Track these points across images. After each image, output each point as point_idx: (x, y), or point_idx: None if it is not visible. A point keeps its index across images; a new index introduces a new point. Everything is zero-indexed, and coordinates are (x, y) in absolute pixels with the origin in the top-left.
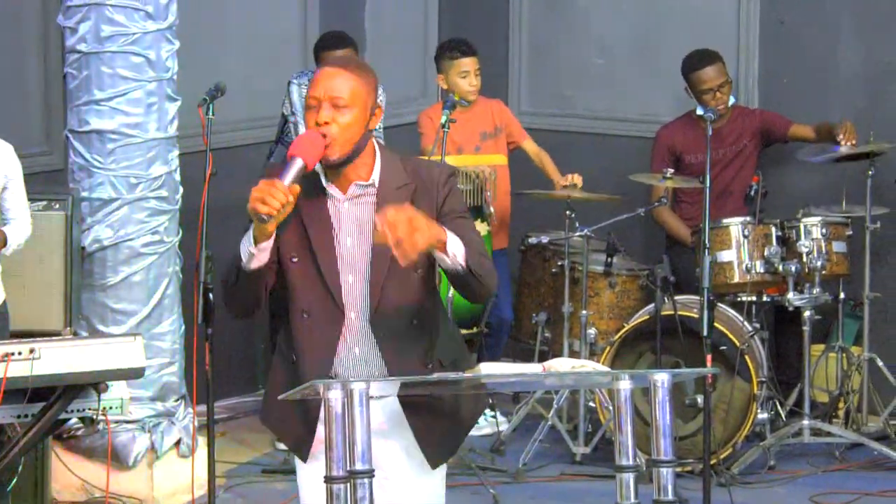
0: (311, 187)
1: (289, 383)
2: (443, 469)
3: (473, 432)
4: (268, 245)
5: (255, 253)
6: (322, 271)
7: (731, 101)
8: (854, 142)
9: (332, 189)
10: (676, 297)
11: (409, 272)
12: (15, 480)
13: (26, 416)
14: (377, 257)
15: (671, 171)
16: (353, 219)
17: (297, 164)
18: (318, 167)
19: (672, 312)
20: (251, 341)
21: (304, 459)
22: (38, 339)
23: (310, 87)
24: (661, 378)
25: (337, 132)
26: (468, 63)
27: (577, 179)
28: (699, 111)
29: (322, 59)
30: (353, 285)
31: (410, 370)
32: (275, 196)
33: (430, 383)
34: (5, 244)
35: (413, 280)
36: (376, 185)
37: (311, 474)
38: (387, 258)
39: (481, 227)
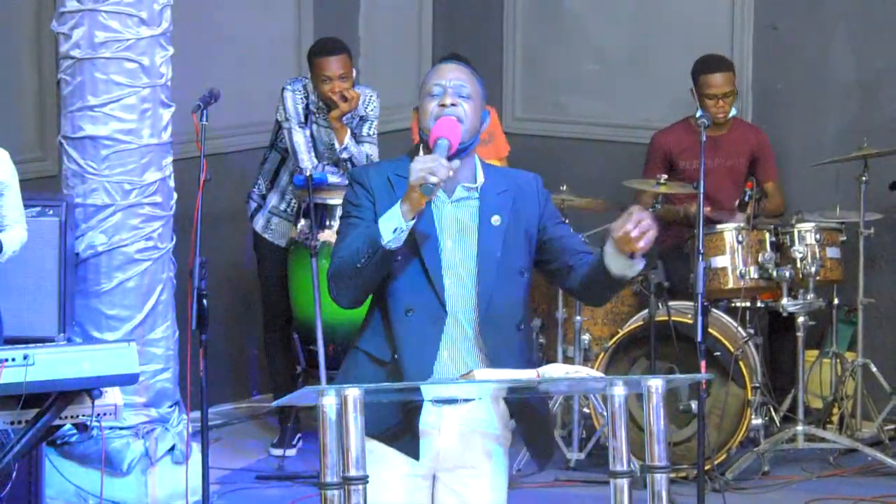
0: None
1: (382, 382)
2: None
3: None
4: (413, 222)
5: (405, 228)
6: (428, 271)
7: (733, 112)
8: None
9: (440, 192)
10: (670, 303)
11: (514, 277)
12: (9, 487)
13: (20, 422)
14: (483, 262)
15: (664, 177)
16: (455, 221)
17: (444, 145)
18: None
19: (666, 318)
20: (245, 348)
21: (417, 457)
22: (31, 345)
23: (431, 77)
24: (656, 384)
25: (462, 114)
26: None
27: None
28: (698, 113)
29: (316, 65)
30: (453, 287)
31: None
32: (440, 169)
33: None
34: (1, 250)
35: (518, 284)
36: (479, 189)
37: (401, 475)
38: (494, 263)
39: None
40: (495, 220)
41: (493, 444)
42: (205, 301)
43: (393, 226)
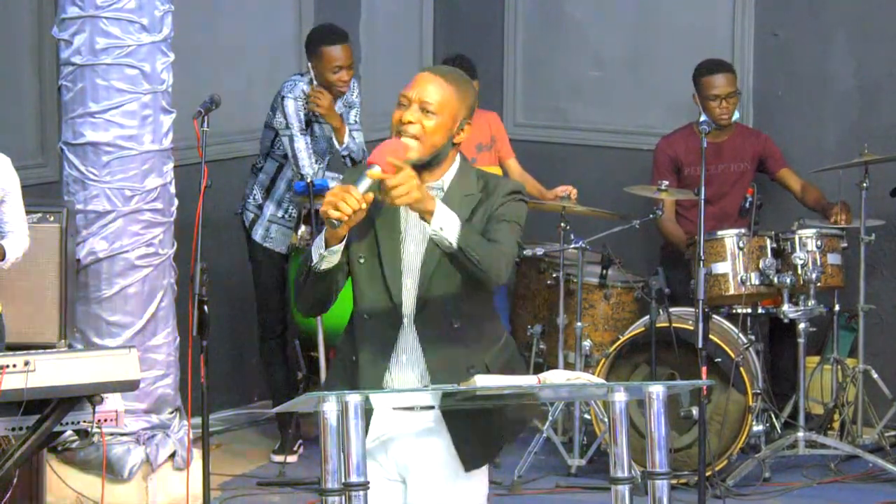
0: None
1: (347, 384)
2: (482, 474)
3: None
4: (338, 248)
5: (325, 255)
6: (385, 275)
7: (736, 115)
8: (849, 222)
9: None
10: (671, 309)
11: (453, 274)
12: (10, 493)
13: (21, 428)
14: (427, 260)
15: (666, 183)
16: (419, 225)
17: (373, 173)
18: None
19: (667, 324)
20: (246, 354)
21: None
22: (33, 351)
23: (405, 86)
24: (657, 390)
25: (419, 133)
26: None
27: (572, 191)
28: (702, 118)
29: (325, 53)
30: (411, 290)
31: (452, 374)
32: (347, 202)
33: (449, 395)
34: (3, 257)
35: (457, 282)
36: (444, 189)
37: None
38: (435, 261)
39: None
40: None
41: (446, 451)
42: (206, 307)
43: (319, 251)
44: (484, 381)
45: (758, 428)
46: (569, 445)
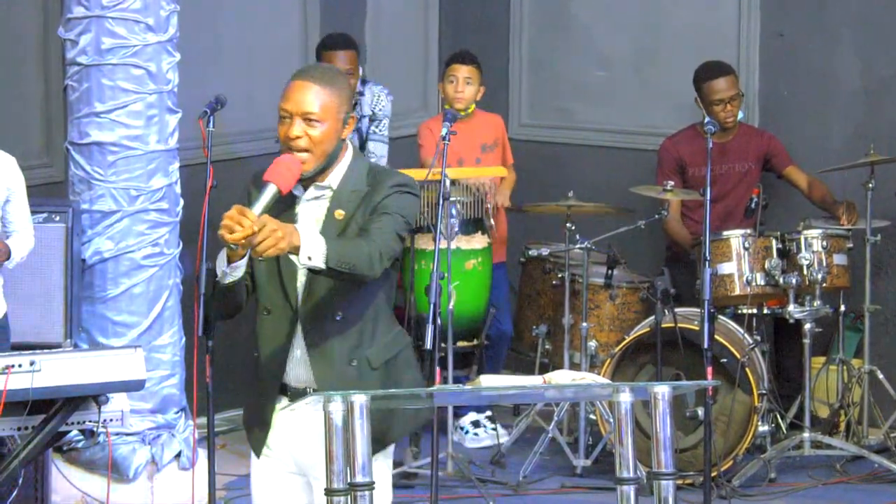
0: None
1: (255, 381)
2: (379, 463)
3: (473, 444)
4: (240, 264)
5: (228, 271)
6: (281, 271)
7: (740, 115)
8: (854, 222)
9: (297, 190)
10: (677, 310)
11: None
12: (15, 493)
13: (26, 428)
14: None
15: (671, 183)
16: (310, 219)
17: (271, 191)
18: None
19: (672, 325)
20: (251, 353)
21: (258, 455)
22: (38, 351)
23: (281, 99)
24: (662, 390)
25: (309, 145)
26: (456, 69)
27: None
28: (705, 120)
29: (323, 58)
30: (303, 285)
31: (333, 367)
32: (242, 225)
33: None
34: (8, 257)
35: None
36: (334, 187)
37: (260, 470)
38: None
39: (482, 240)
40: (338, 214)
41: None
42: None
43: (222, 267)
44: (490, 382)
45: (763, 428)
46: (574, 446)
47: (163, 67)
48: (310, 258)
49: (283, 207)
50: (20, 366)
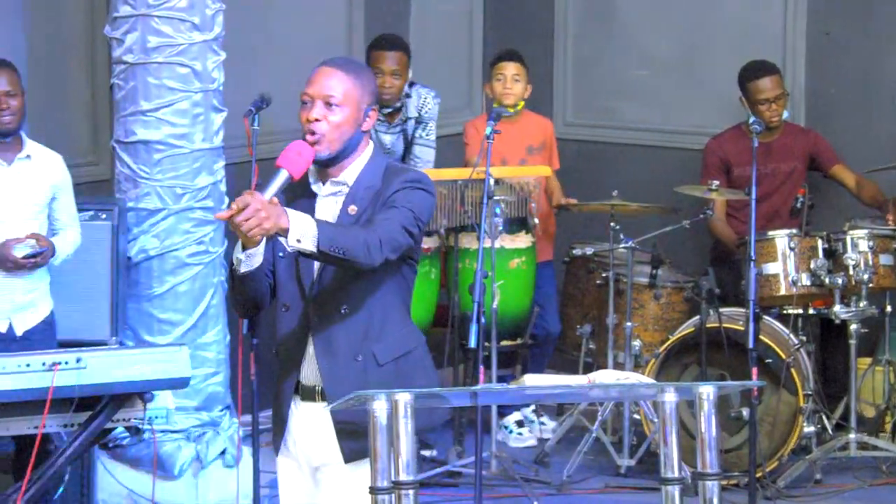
0: (303, 183)
1: (275, 378)
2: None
3: (517, 444)
4: (255, 251)
5: (242, 258)
6: (299, 268)
7: (785, 115)
8: None
9: (315, 186)
10: (722, 310)
11: None
12: (61, 489)
13: (73, 425)
14: None
15: (716, 182)
16: (326, 214)
17: (282, 176)
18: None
19: (717, 325)
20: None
21: (276, 453)
22: (84, 348)
23: (306, 84)
24: (707, 390)
25: (326, 129)
26: (504, 67)
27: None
28: (750, 120)
29: (372, 57)
30: (322, 283)
31: (338, 361)
32: (256, 208)
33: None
34: (54, 254)
35: (349, 270)
36: (349, 184)
37: (281, 469)
38: None
39: (526, 239)
40: (352, 209)
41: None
42: None
43: (237, 255)
44: (534, 381)
45: (809, 429)
46: (618, 445)
47: (208, 66)
48: (299, 241)
49: (302, 202)
50: (66, 363)
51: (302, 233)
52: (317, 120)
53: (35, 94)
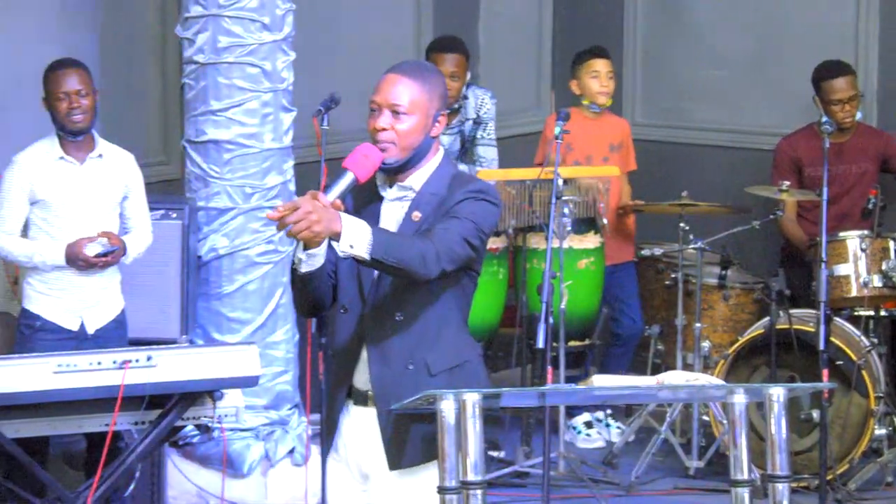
0: (371, 186)
1: (329, 379)
2: (427, 474)
3: (585, 444)
4: (317, 252)
5: (304, 258)
6: (360, 269)
7: (858, 116)
8: None
9: (383, 190)
10: (792, 311)
11: None
12: (132, 487)
13: (143, 422)
14: None
15: (787, 183)
16: (390, 219)
17: (347, 178)
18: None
19: (787, 326)
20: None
21: (327, 455)
22: (155, 346)
23: (372, 92)
24: (777, 392)
25: (394, 138)
26: (599, 64)
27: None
28: (822, 120)
29: (430, 59)
30: (381, 286)
31: (390, 368)
32: (320, 210)
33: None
34: (125, 253)
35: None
36: (416, 189)
37: (333, 471)
38: None
39: (594, 239)
40: (415, 215)
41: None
42: None
43: (298, 255)
44: (603, 381)
45: (880, 432)
46: (687, 447)
47: (278, 66)
48: (351, 246)
49: (369, 203)
50: (137, 361)
51: (355, 239)
52: (384, 129)
53: (107, 93)
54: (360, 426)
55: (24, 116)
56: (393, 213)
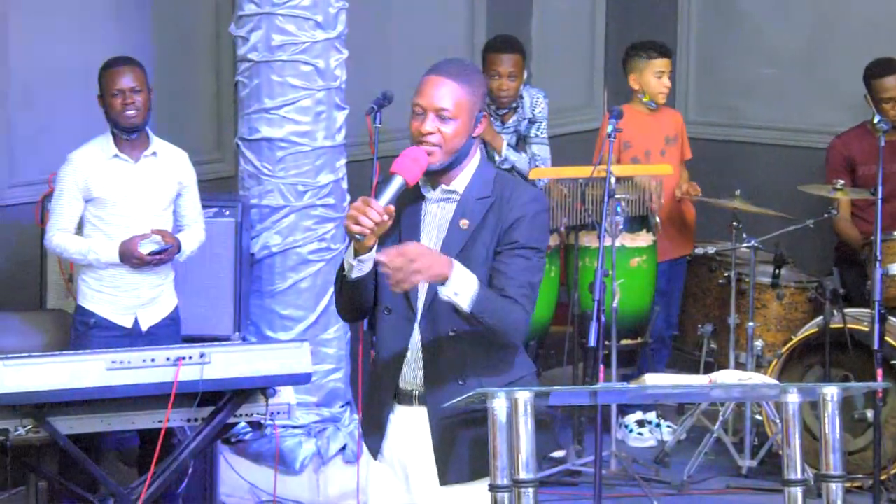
0: (414, 187)
1: (371, 382)
2: (481, 489)
3: (637, 443)
4: (368, 257)
5: (354, 264)
6: None
7: None
8: None
9: (425, 190)
10: (846, 310)
11: None
12: (185, 483)
13: (196, 419)
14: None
15: (841, 182)
16: (434, 220)
17: (397, 182)
18: None
19: (841, 325)
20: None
21: (375, 457)
22: (208, 343)
23: (415, 94)
24: (831, 392)
25: (440, 141)
26: (664, 64)
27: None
28: (875, 119)
29: (488, 60)
30: (423, 287)
31: (443, 382)
32: (368, 216)
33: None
34: (179, 250)
35: None
36: (460, 192)
37: (378, 473)
38: None
39: (646, 237)
40: (463, 223)
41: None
42: None
43: (349, 260)
44: (654, 380)
45: None
46: (739, 446)
47: (331, 64)
48: (456, 294)
49: (410, 203)
50: (190, 358)
51: (461, 288)
52: (430, 133)
53: (161, 91)
54: (407, 425)
55: (78, 115)
56: (437, 214)
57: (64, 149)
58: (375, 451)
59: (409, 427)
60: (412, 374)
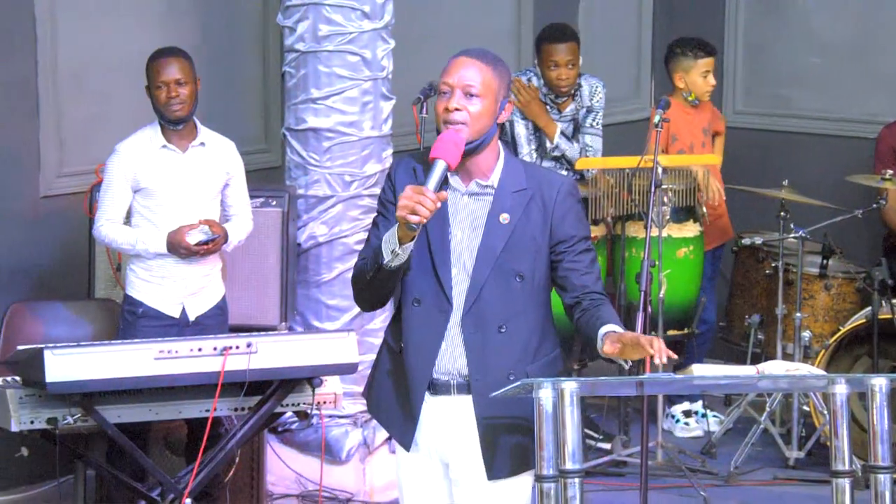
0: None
1: (396, 374)
2: (524, 482)
3: (683, 434)
4: (411, 245)
5: (400, 253)
6: (435, 262)
7: None
8: None
9: (454, 181)
10: (894, 301)
11: (508, 278)
12: (232, 472)
13: (243, 408)
14: (482, 257)
15: (890, 172)
16: (467, 214)
17: (440, 167)
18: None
19: (890, 316)
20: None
21: (408, 449)
22: (255, 333)
23: (443, 74)
24: (879, 383)
25: (466, 118)
26: (710, 63)
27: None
28: None
29: (544, 50)
30: (458, 279)
31: (490, 377)
32: (424, 205)
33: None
34: (227, 240)
35: (513, 287)
36: (495, 186)
37: (412, 464)
38: (491, 260)
39: (693, 228)
40: (503, 218)
41: (474, 440)
42: None
43: (391, 247)
44: (701, 371)
45: None
46: (787, 437)
47: (378, 54)
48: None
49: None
50: (237, 347)
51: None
52: (456, 109)
53: (208, 81)
54: (443, 416)
55: (127, 104)
56: (471, 208)
57: (114, 139)
58: (408, 443)
59: (447, 418)
60: (449, 364)
